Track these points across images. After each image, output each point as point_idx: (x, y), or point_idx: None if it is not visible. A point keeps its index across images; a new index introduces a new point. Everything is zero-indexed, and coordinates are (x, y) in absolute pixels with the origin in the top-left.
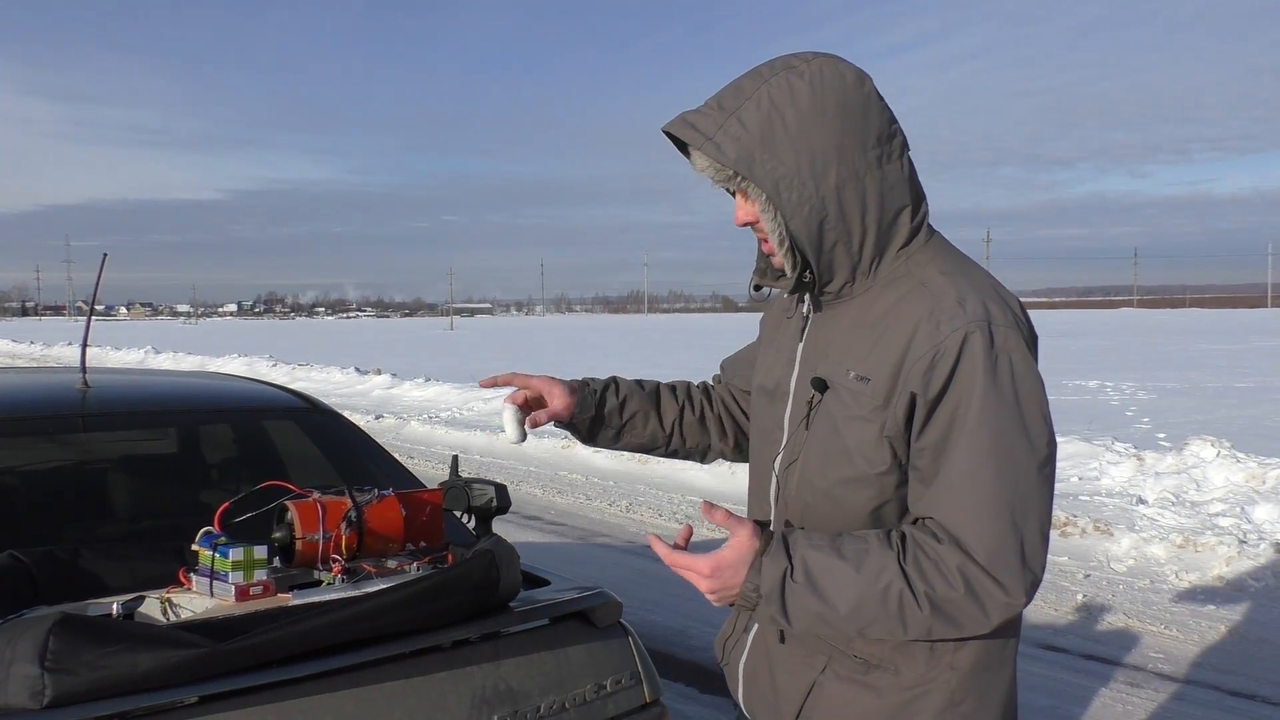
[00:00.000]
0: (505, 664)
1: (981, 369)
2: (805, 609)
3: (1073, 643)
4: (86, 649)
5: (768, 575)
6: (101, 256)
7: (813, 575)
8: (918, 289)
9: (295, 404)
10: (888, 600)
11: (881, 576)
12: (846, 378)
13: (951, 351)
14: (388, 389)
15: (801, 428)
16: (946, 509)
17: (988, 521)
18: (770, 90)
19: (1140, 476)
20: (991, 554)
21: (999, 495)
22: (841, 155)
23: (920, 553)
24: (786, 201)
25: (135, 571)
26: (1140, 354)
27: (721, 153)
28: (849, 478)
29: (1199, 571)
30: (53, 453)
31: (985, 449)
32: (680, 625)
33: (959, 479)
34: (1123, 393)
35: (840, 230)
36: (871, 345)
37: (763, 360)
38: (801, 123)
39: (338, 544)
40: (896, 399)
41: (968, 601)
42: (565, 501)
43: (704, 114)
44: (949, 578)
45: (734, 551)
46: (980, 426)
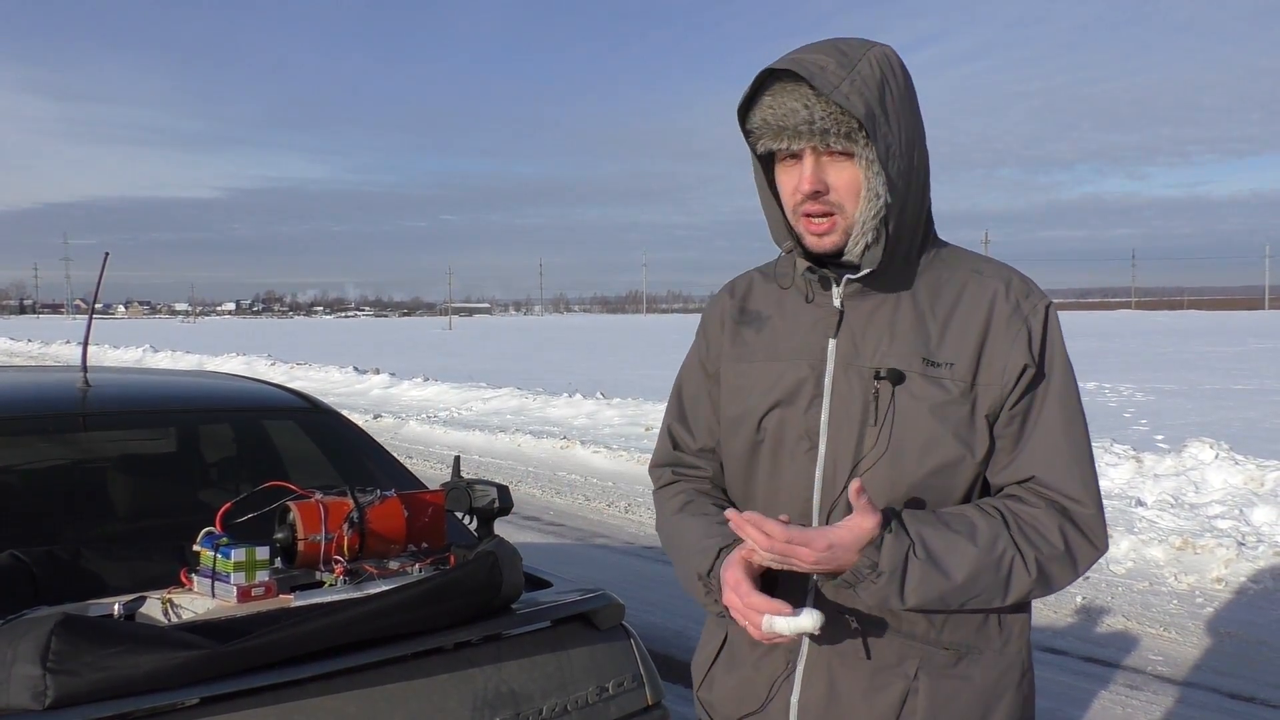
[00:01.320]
0: (507, 666)
1: (1058, 339)
2: (926, 584)
3: (1072, 645)
4: (88, 650)
5: (890, 553)
6: (103, 255)
7: (932, 551)
8: (974, 276)
9: (296, 404)
10: (1000, 568)
11: (996, 545)
12: (922, 366)
13: (1039, 326)
14: (386, 388)
15: (866, 426)
16: (1047, 464)
17: (1088, 472)
18: (875, 56)
19: (1139, 478)
20: (1096, 502)
21: (1087, 449)
22: (921, 139)
23: (1021, 521)
24: (894, 168)
25: (136, 572)
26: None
27: (851, 102)
28: (942, 465)
29: (1198, 574)
30: (54, 452)
31: (1073, 409)
32: (679, 627)
33: (1056, 435)
34: (1121, 394)
35: (914, 213)
36: (940, 331)
37: (739, 377)
38: (903, 95)
39: (340, 545)
40: (991, 375)
41: (1065, 559)
42: (564, 502)
43: (819, 64)
44: (1051, 539)
45: (851, 533)
46: (1066, 389)
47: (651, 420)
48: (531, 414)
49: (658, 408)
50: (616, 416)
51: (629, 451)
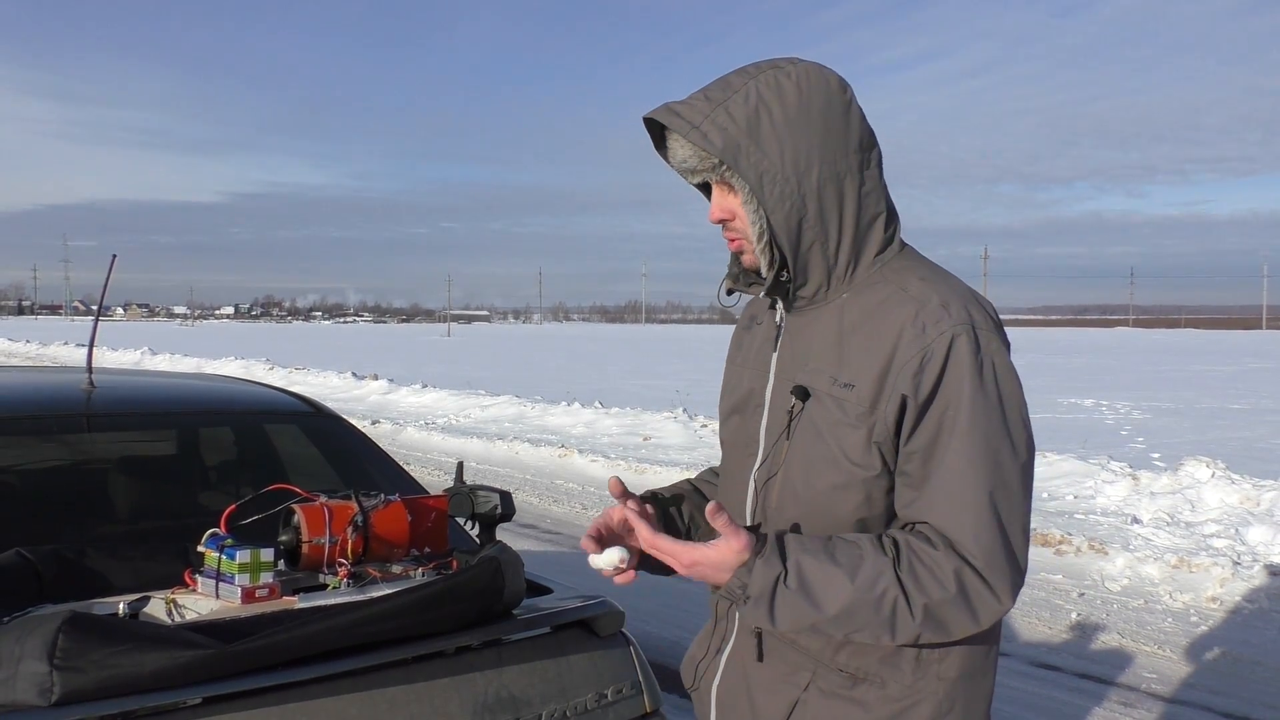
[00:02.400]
0: (508, 671)
1: (969, 371)
2: (795, 613)
3: (1066, 661)
4: (95, 647)
5: (759, 578)
6: (111, 258)
7: (806, 581)
8: (898, 294)
9: (299, 408)
10: (881, 607)
11: (877, 583)
12: (829, 385)
13: (939, 354)
14: (384, 394)
15: (782, 438)
16: (940, 512)
17: (983, 524)
18: (758, 85)
19: (1135, 496)
20: (987, 556)
21: (990, 497)
22: (824, 156)
23: (915, 559)
24: (769, 195)
25: (141, 572)
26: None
27: (708, 141)
28: (836, 485)
29: (1193, 592)
30: (59, 452)
31: (976, 451)
32: (675, 636)
33: (952, 481)
34: (1118, 412)
35: (818, 230)
36: (853, 351)
37: (731, 376)
38: (788, 119)
39: (344, 548)
40: (885, 403)
41: (960, 606)
42: (561, 510)
43: (690, 104)
44: (944, 583)
45: (719, 553)
46: (971, 429)
47: (650, 430)
48: (530, 422)
49: (656, 417)
50: (615, 426)
51: (627, 461)
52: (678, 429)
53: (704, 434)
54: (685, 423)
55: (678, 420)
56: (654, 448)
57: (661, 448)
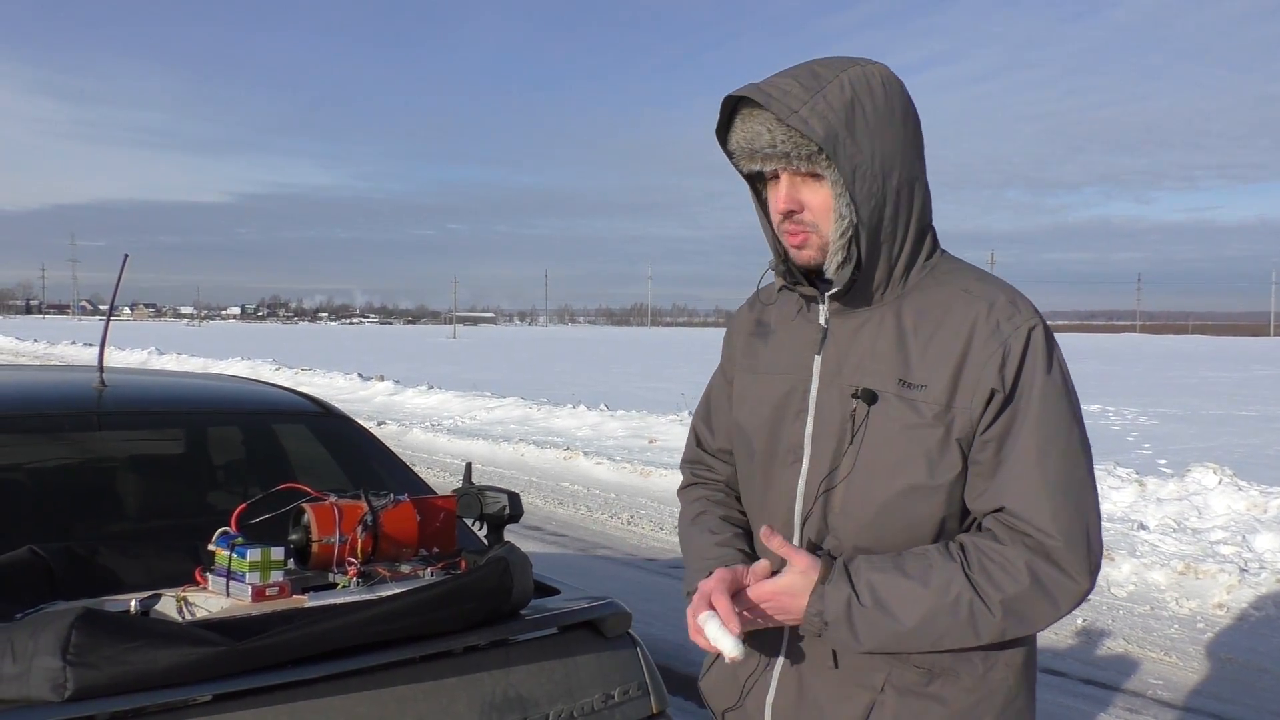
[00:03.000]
0: (515, 671)
1: (1042, 362)
2: (876, 631)
3: (1072, 667)
4: (108, 644)
5: (832, 602)
6: (123, 257)
7: (880, 597)
8: (961, 295)
9: (308, 407)
10: (958, 611)
11: (950, 589)
12: (897, 387)
13: (1018, 348)
14: (390, 396)
15: (843, 443)
16: (1016, 495)
17: (1059, 504)
18: (850, 78)
19: (1141, 502)
20: (1066, 536)
21: (1067, 480)
22: (904, 158)
23: (984, 558)
24: (859, 190)
25: (152, 569)
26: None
27: (809, 127)
28: (914, 485)
29: (1199, 599)
30: (71, 450)
31: (1050, 434)
32: (679, 639)
33: (1029, 464)
34: (1124, 418)
35: (889, 232)
36: (920, 352)
37: (744, 387)
38: (878, 115)
39: (353, 547)
40: (966, 398)
41: (1037, 596)
42: (566, 513)
43: (783, 89)
44: (1017, 576)
45: (789, 580)
46: (1044, 413)
47: (655, 433)
48: (535, 424)
49: (661, 420)
50: (620, 428)
51: (632, 463)
52: (683, 431)
53: None
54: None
55: (683, 423)
56: (659, 450)
57: (666, 450)
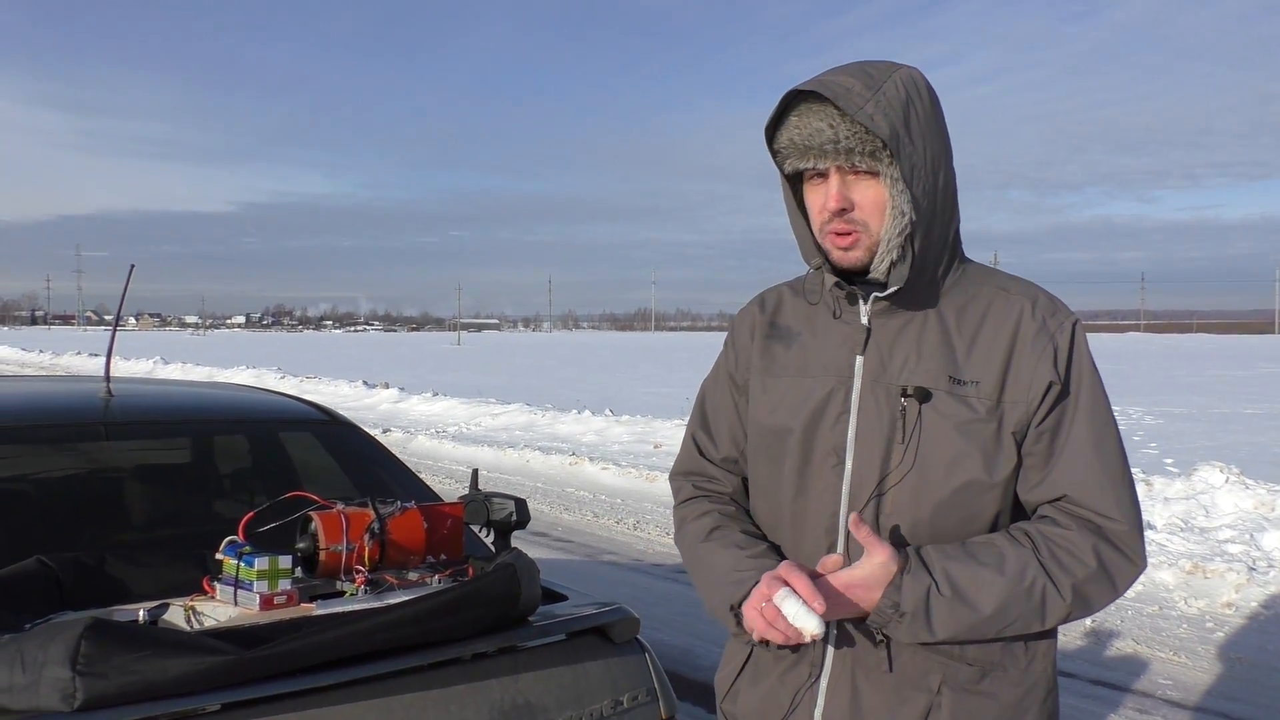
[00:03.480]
0: (524, 678)
1: (1087, 356)
2: (953, 619)
3: (1081, 668)
4: (117, 653)
5: (910, 593)
6: (129, 268)
7: (958, 586)
8: (1001, 294)
9: (314, 415)
10: (1032, 595)
11: (1025, 573)
12: (949, 384)
13: (1065, 343)
14: (395, 403)
15: (894, 443)
16: (1078, 482)
17: (1121, 488)
18: (901, 78)
19: (1148, 502)
20: (1131, 520)
21: (1121, 465)
22: (947, 160)
23: (1052, 544)
24: (918, 187)
25: (160, 579)
26: (1147, 379)
27: (875, 123)
28: (968, 483)
29: (1208, 598)
30: (79, 460)
31: (1103, 424)
32: (687, 644)
33: (1087, 452)
34: (1130, 417)
35: (939, 232)
36: (966, 349)
37: (768, 390)
38: (928, 116)
39: (361, 555)
40: (1017, 393)
41: (1102, 579)
42: (572, 518)
43: (844, 84)
44: (1085, 561)
45: (866, 571)
46: (1095, 404)
47: (660, 438)
48: (540, 430)
49: (666, 425)
50: (625, 433)
51: (637, 469)
52: None
53: None
54: None
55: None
56: (665, 455)
57: (672, 455)
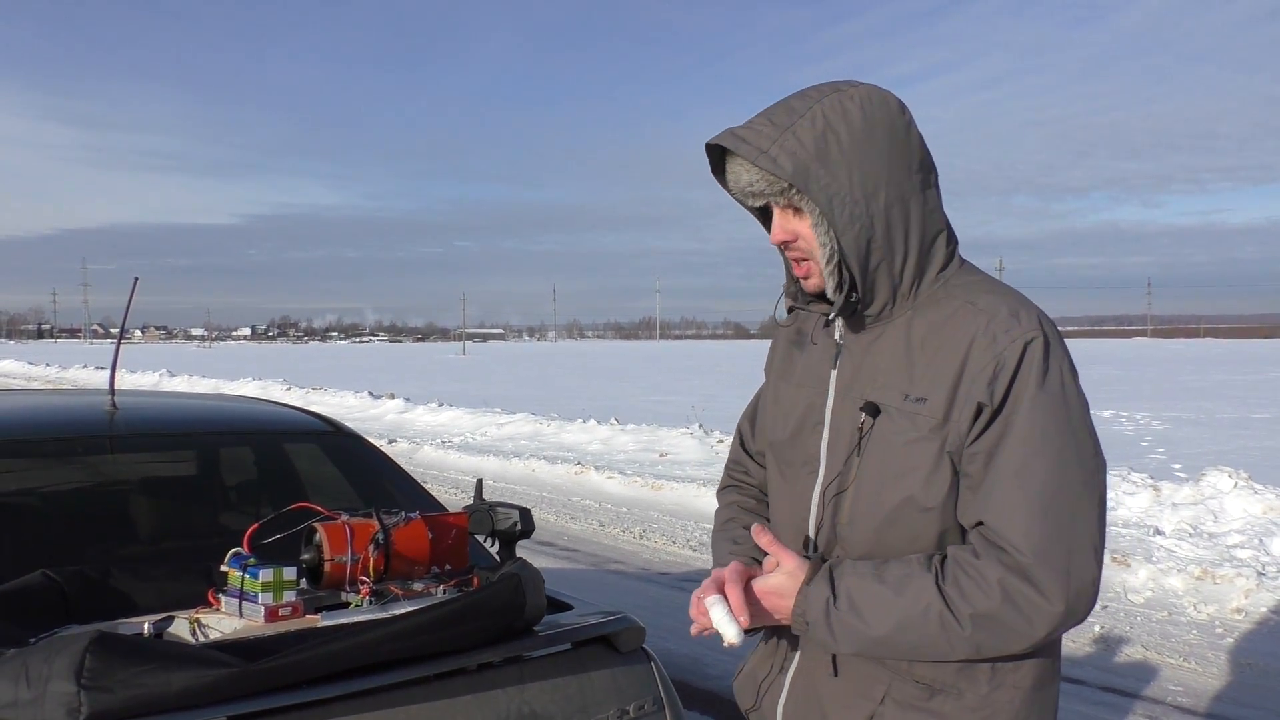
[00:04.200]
0: (529, 688)
1: (1036, 375)
2: (851, 634)
3: (1090, 674)
4: (121, 667)
5: (813, 603)
6: (133, 280)
7: (855, 602)
8: (966, 307)
9: (319, 427)
10: (928, 622)
11: (920, 599)
12: (900, 400)
13: (1011, 361)
14: (401, 413)
15: (852, 455)
16: (995, 508)
17: (1036, 520)
18: (823, 109)
19: (1157, 507)
20: (1037, 553)
21: (1047, 495)
22: (890, 177)
23: (960, 571)
24: (839, 218)
25: (165, 592)
26: (1154, 384)
27: (777, 165)
28: (908, 500)
29: (1217, 604)
30: (84, 473)
31: (1035, 449)
32: (695, 653)
33: (1009, 478)
34: (1137, 423)
35: (885, 250)
36: (923, 365)
37: (778, 394)
38: (855, 141)
39: (365, 566)
40: (958, 412)
41: (1010, 614)
42: (578, 528)
43: (755, 129)
44: (988, 592)
45: (778, 580)
46: (1031, 428)
47: (666, 446)
48: (546, 439)
49: (672, 434)
50: (630, 442)
51: (643, 477)
52: (694, 445)
53: (720, 450)
54: (701, 439)
55: (694, 436)
56: (670, 464)
57: (678, 464)
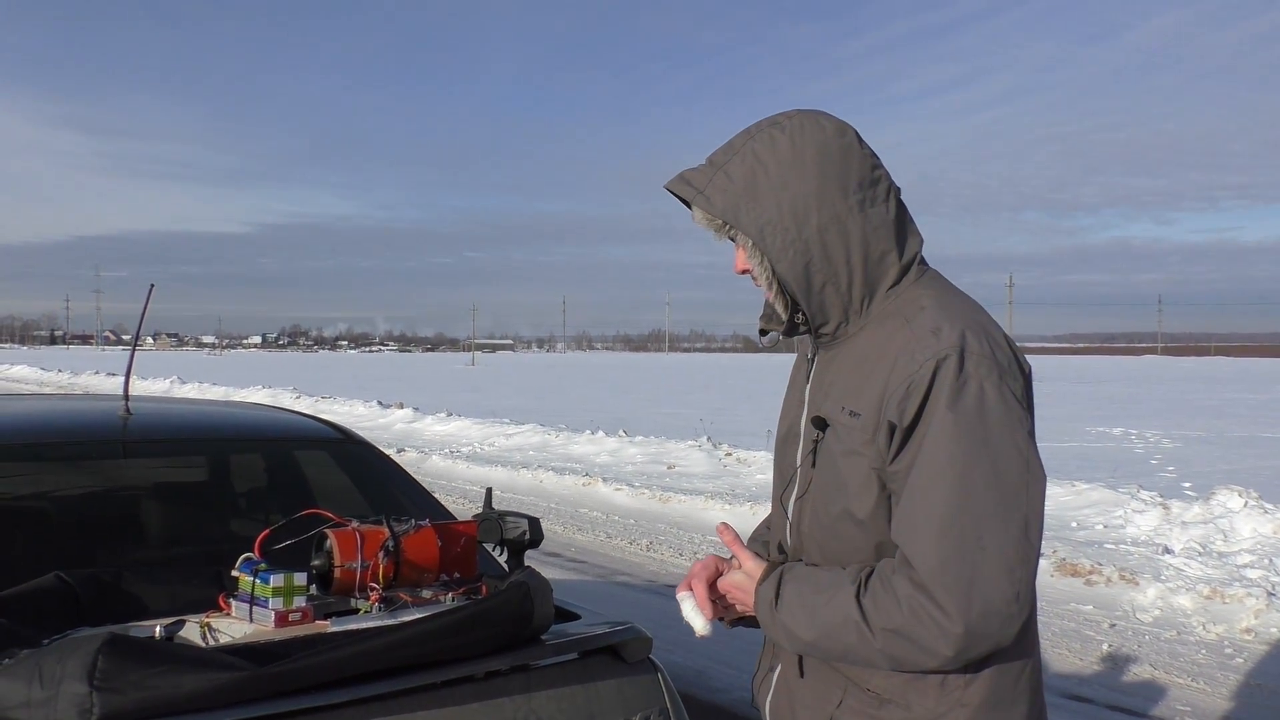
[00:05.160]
0: (536, 696)
1: (947, 394)
2: (787, 634)
3: (1098, 693)
4: (134, 669)
5: (761, 602)
6: (149, 288)
7: (789, 605)
8: (901, 324)
9: (329, 434)
10: (847, 631)
11: (841, 609)
12: (842, 414)
13: (924, 380)
14: (409, 423)
15: (808, 465)
16: (902, 529)
17: (933, 540)
18: (754, 144)
19: (1166, 525)
20: (932, 573)
21: (949, 516)
22: (821, 201)
23: (878, 584)
24: (771, 246)
25: (176, 595)
26: (1165, 402)
27: (711, 204)
28: (845, 512)
29: (1226, 623)
30: (97, 478)
31: (939, 470)
32: (700, 666)
33: (914, 499)
34: (1147, 441)
35: (827, 272)
36: (861, 381)
37: (785, 404)
38: (782, 172)
39: (375, 573)
40: (879, 431)
41: (916, 630)
42: (585, 539)
43: (698, 171)
44: (896, 607)
45: (740, 577)
46: (936, 449)
47: (674, 459)
48: (554, 450)
49: (680, 446)
50: (639, 454)
51: (651, 490)
52: (702, 457)
53: (729, 462)
54: (710, 451)
55: (702, 449)
56: (678, 476)
57: (686, 476)
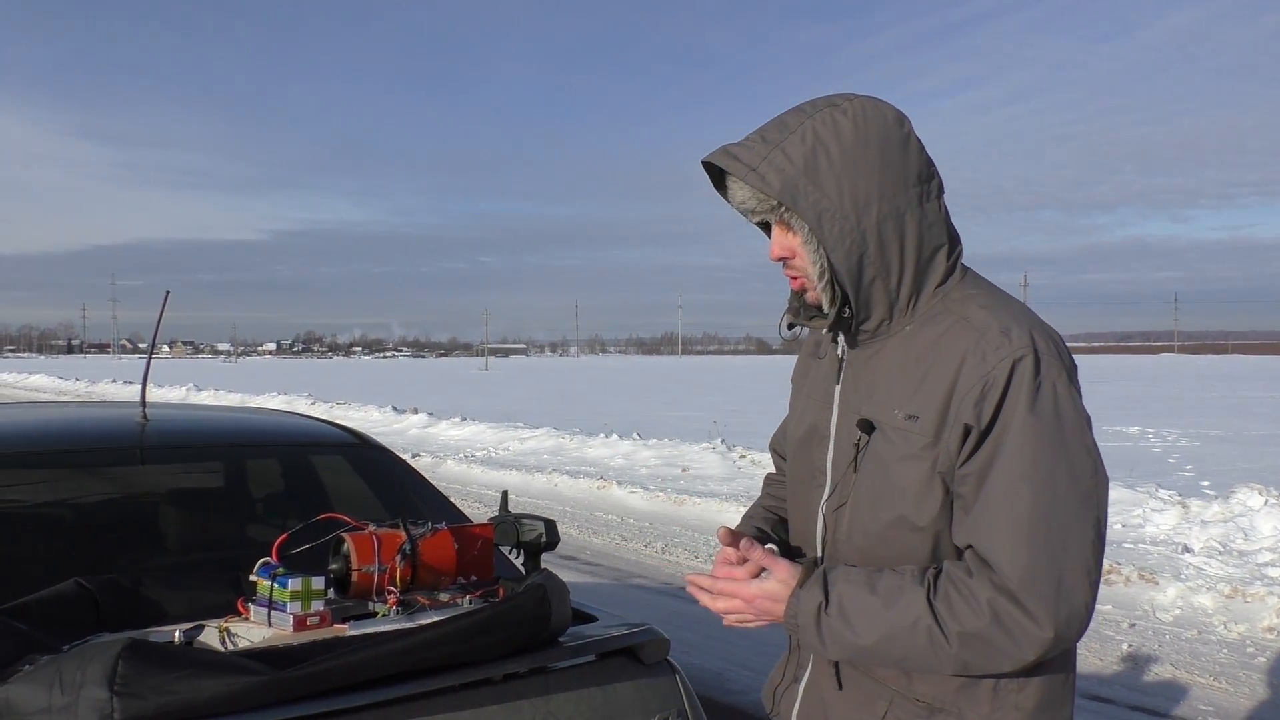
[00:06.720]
0: (555, 699)
1: (1026, 395)
2: (840, 641)
3: (1119, 693)
4: (154, 674)
5: (804, 607)
6: (164, 294)
7: (845, 609)
8: (960, 324)
9: (345, 439)
10: (916, 635)
11: (910, 612)
12: (894, 417)
13: (1000, 381)
14: (424, 428)
15: (849, 471)
16: (982, 533)
17: (1022, 545)
18: (815, 124)
19: (1185, 524)
20: (1023, 578)
21: (1036, 519)
22: (883, 191)
23: (951, 587)
24: (829, 234)
25: (194, 601)
26: (1182, 400)
27: (766, 183)
28: (901, 516)
29: (1248, 622)
30: (115, 484)
31: (1023, 473)
32: (718, 668)
33: (997, 502)
34: (1165, 439)
35: (879, 266)
36: (917, 383)
37: (795, 407)
38: (845, 157)
39: (392, 576)
40: (948, 433)
41: (998, 635)
42: (601, 542)
43: (747, 146)
44: (978, 612)
45: (770, 585)
46: (1019, 451)
47: (688, 461)
48: (568, 454)
49: (694, 449)
50: (653, 457)
51: (665, 492)
52: (716, 460)
53: (743, 465)
54: (724, 454)
55: (716, 451)
56: (692, 479)
57: (700, 479)
